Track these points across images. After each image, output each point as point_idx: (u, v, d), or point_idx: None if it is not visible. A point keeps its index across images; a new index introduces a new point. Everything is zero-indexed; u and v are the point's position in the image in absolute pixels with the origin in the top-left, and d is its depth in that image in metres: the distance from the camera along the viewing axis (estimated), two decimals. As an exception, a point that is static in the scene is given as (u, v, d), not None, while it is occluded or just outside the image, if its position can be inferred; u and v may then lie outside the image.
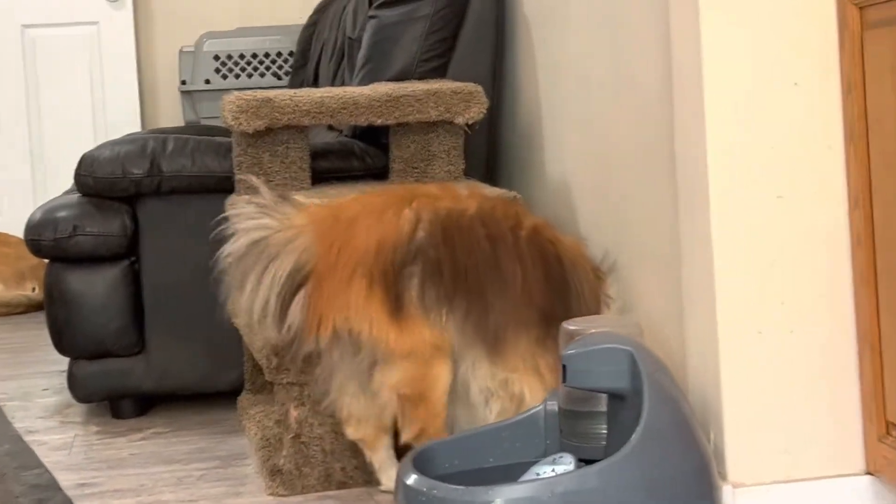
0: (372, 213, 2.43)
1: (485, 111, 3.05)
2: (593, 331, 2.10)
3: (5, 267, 4.86)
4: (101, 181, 3.18)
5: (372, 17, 3.38)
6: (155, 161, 3.18)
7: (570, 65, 2.97)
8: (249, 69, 5.20)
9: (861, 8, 1.96)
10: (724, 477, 2.07)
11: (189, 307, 3.25)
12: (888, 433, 2.00)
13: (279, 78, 5.19)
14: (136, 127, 5.34)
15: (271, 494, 2.58)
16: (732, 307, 2.08)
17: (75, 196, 3.29)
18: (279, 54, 5.21)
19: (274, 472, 2.60)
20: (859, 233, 2.02)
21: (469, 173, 3.14)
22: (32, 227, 3.22)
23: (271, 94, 2.97)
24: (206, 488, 2.68)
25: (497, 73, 3.33)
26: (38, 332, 4.19)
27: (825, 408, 2.09)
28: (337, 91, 3.03)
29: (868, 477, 2.07)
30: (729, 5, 2.04)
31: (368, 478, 2.58)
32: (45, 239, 3.19)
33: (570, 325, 2.16)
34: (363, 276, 2.35)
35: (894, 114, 1.88)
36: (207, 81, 5.18)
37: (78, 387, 3.25)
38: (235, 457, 2.89)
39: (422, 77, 3.23)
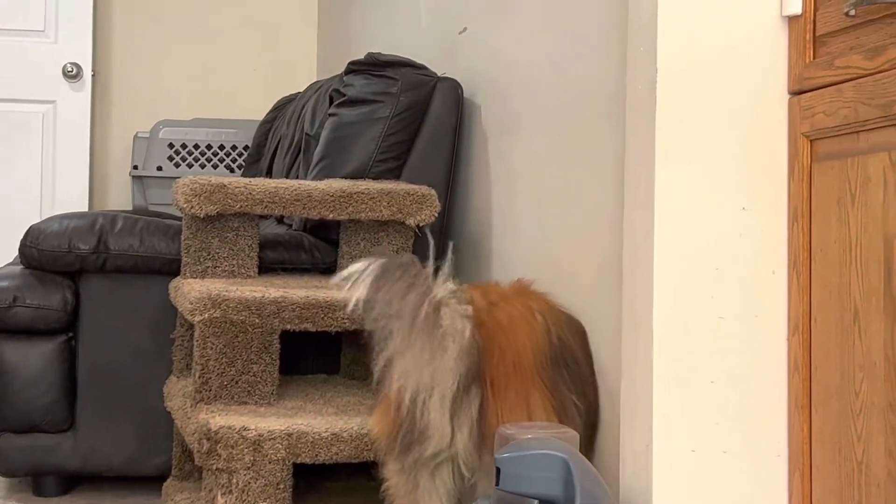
0: (519, 317, 2.31)
1: (436, 214, 3.09)
2: (529, 436, 2.11)
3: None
4: (46, 254, 3.17)
5: (332, 114, 3.42)
6: (102, 238, 3.18)
7: (524, 177, 3.01)
8: (203, 159, 5.22)
9: (812, 140, 2.02)
10: (649, 593, 2.06)
11: (123, 388, 3.23)
12: (814, 560, 2.01)
13: (232, 170, 5.21)
14: (83, 207, 5.33)
15: (192, 582, 2.55)
16: (668, 424, 2.09)
17: (18, 267, 3.28)
18: (234, 147, 5.24)
19: (195, 559, 2.57)
20: (797, 358, 2.05)
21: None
22: (-29, 296, 3.20)
23: (225, 180, 2.98)
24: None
25: (451, 178, 3.37)
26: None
27: (753, 531, 2.10)
28: (291, 183, 3.05)
29: None
30: (684, 128, 2.09)
31: (290, 572, 2.55)
32: (-17, 308, 3.17)
33: (506, 429, 2.16)
34: (537, 387, 2.25)
35: (837, 244, 1.92)
36: (160, 168, 5.19)
37: (2, 460, 3.20)
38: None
39: (376, 177, 3.26)
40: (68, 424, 3.21)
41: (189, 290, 2.81)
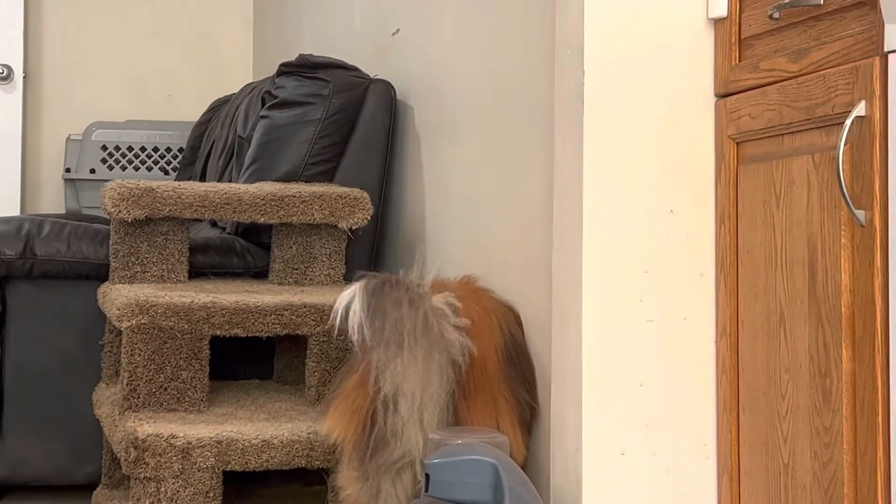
0: (479, 320, 2.31)
1: (369, 217, 3.07)
2: (459, 441, 2.10)
3: None
4: (-29, 259, 3.12)
5: (263, 116, 3.38)
6: (29, 243, 3.13)
7: (457, 178, 3.00)
8: (137, 162, 5.16)
9: (738, 143, 2.02)
10: None
11: (51, 395, 3.18)
12: (743, 562, 2.02)
13: (167, 173, 5.15)
14: (15, 210, 5.25)
15: None
16: (597, 427, 2.09)
17: (-57, 272, 3.22)
18: (168, 149, 5.18)
19: (124, 569, 2.53)
20: (724, 360, 2.05)
21: (349, 277, 3.14)
22: None
23: (154, 184, 2.95)
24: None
25: (385, 180, 3.35)
26: None
27: (683, 533, 2.10)
28: (222, 186, 3.02)
29: None
30: (611, 130, 2.08)
31: (221, 580, 2.52)
32: None
33: (436, 435, 2.15)
34: (501, 392, 2.28)
35: (763, 246, 1.92)
36: (93, 171, 5.12)
37: (-74, 469, 3.15)
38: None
39: (309, 180, 3.23)
40: (-4, 433, 3.17)
41: (117, 296, 2.77)
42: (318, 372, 2.84)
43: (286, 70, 3.40)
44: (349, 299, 2.18)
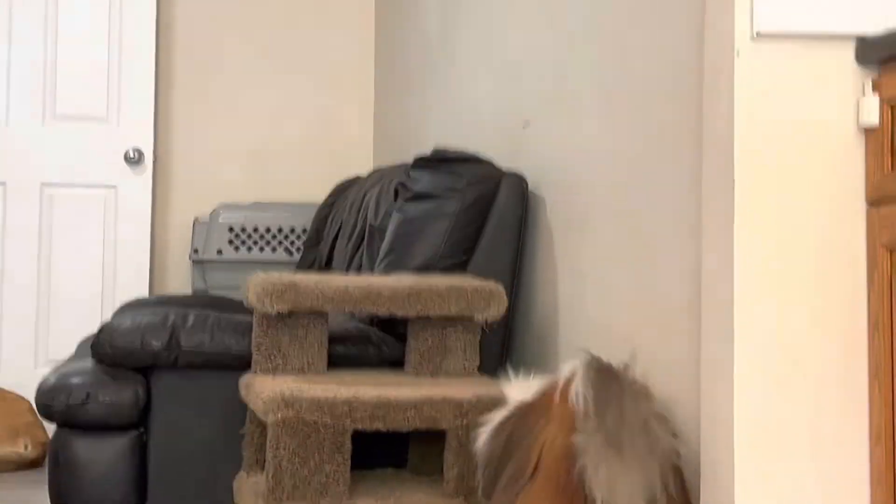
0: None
1: (504, 310, 3.10)
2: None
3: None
4: (119, 350, 3.21)
5: (398, 209, 3.45)
6: (174, 335, 3.21)
7: (591, 271, 3.02)
8: (262, 242, 5.27)
9: (891, 251, 2.02)
10: None
11: (193, 483, 3.25)
12: None
13: (291, 253, 5.26)
14: (144, 290, 5.39)
15: None
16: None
17: (89, 362, 3.31)
18: (292, 230, 5.29)
19: None
20: (880, 469, 2.04)
21: (482, 370, 3.17)
22: (46, 392, 3.23)
23: (297, 278, 3.01)
24: None
25: (517, 271, 3.39)
26: (31, 492, 4.16)
27: None
28: (360, 280, 3.08)
29: None
30: (761, 230, 2.10)
31: None
32: (57, 404, 3.20)
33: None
34: None
35: (921, 356, 1.92)
36: (220, 252, 5.24)
37: (74, 556, 3.22)
38: None
39: (443, 271, 3.28)
40: (139, 517, 3.24)
41: (261, 389, 2.84)
42: (457, 466, 2.86)
43: (421, 163, 3.47)
44: (570, 375, 2.14)
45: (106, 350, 3.22)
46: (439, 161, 3.42)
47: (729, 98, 2.12)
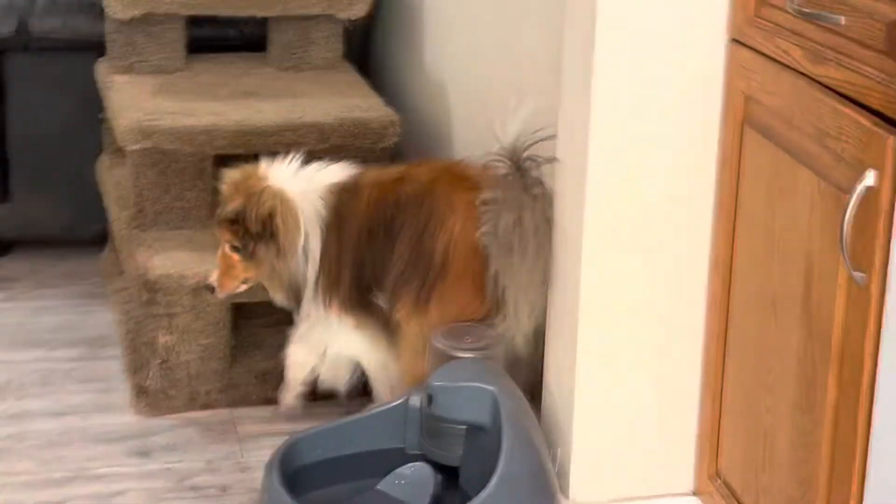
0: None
1: (367, 9, 3.03)
2: (461, 355, 2.23)
3: None
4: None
5: None
6: (23, 20, 3.10)
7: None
8: None
9: (747, 97, 2.01)
10: (566, 495, 2.25)
11: (54, 161, 3.27)
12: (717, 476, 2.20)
13: None
14: None
15: (137, 414, 2.70)
16: (592, 337, 2.20)
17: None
18: None
19: (140, 392, 2.70)
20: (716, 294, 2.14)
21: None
22: None
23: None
24: (73, 393, 2.77)
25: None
26: None
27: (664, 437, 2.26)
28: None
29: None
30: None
31: (231, 401, 2.72)
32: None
33: (437, 343, 2.27)
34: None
35: (763, 228, 1.96)
36: None
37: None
38: (102, 342, 2.97)
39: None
40: (2, 196, 3.26)
41: (118, 106, 2.81)
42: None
43: None
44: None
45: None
46: None
47: None
